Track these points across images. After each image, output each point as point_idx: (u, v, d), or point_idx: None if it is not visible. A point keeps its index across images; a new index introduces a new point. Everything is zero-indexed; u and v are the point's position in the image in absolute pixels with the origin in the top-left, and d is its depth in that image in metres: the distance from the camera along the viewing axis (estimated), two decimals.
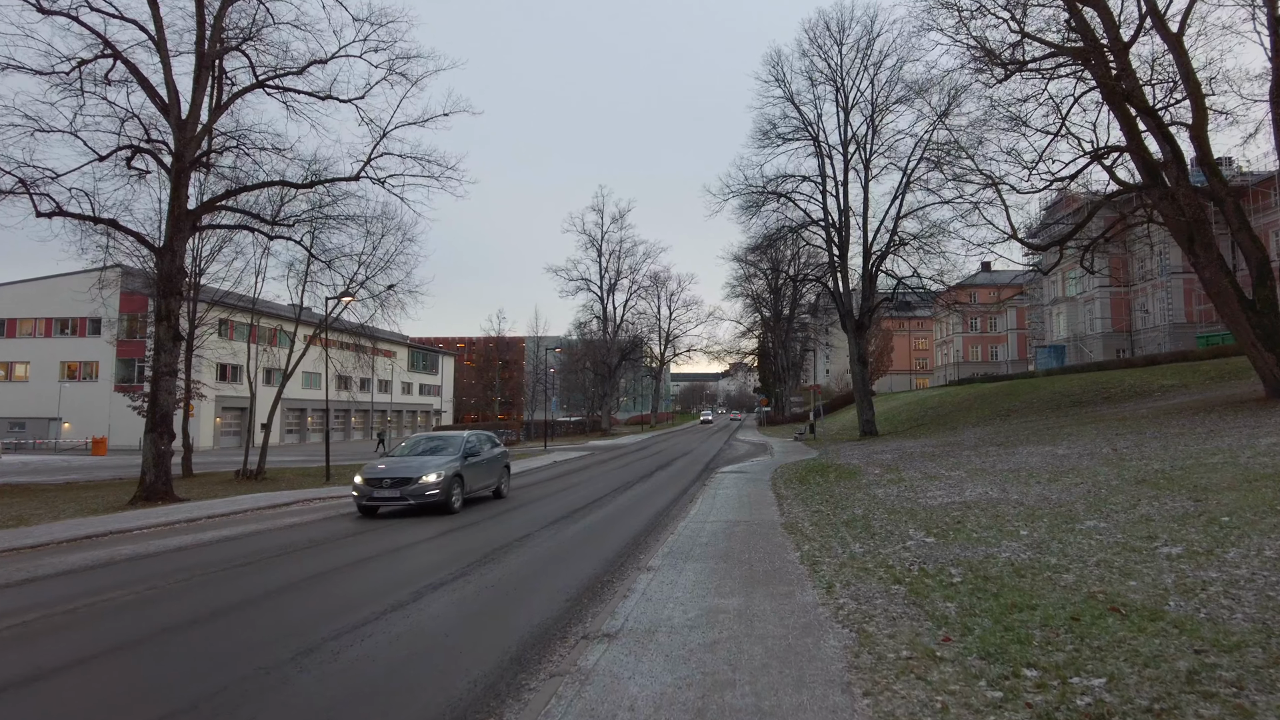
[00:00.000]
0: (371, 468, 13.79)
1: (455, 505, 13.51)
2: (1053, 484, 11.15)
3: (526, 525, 11.85)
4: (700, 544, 8.95)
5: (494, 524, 12.21)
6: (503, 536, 10.71)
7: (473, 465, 14.61)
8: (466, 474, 14.12)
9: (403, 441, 16.19)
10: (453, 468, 13.64)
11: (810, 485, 15.60)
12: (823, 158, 34.07)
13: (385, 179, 24.55)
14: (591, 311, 64.95)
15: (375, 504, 13.16)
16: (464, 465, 14.12)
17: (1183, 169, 19.31)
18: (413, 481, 12.93)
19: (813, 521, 10.36)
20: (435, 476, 13.09)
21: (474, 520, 12.67)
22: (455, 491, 13.54)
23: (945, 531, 8.23)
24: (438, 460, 13.81)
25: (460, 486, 13.76)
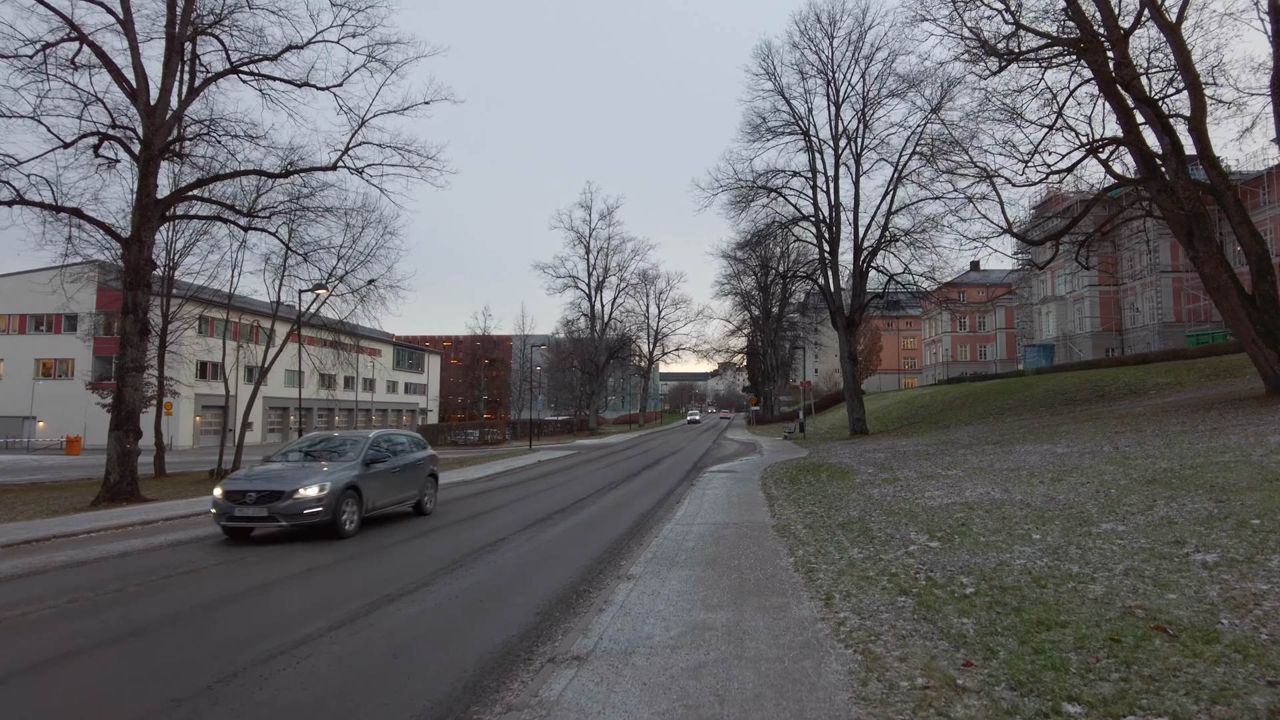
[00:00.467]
0: (237, 477, 10.90)
1: (348, 527, 10.40)
2: (1057, 483, 10.60)
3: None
4: (686, 548, 8.31)
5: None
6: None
7: (378, 475, 11.42)
8: (368, 485, 10.99)
9: (292, 442, 12.44)
10: (344, 477, 10.53)
11: (802, 485, 15.00)
12: (813, 152, 33.56)
13: (363, 169, 23.78)
14: (579, 309, 64.29)
15: (239, 525, 10.19)
16: (364, 474, 10.97)
17: (1182, 161, 18.86)
18: (284, 496, 9.82)
19: (806, 524, 9.75)
20: (317, 489, 10.01)
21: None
22: (349, 509, 10.47)
23: (950, 535, 7.63)
24: (326, 468, 10.78)
25: (357, 502, 10.68)
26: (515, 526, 11.09)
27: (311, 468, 10.81)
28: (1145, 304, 50.40)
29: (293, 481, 10.10)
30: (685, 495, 14.64)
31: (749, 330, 71.71)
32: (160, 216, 21.65)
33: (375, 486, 11.28)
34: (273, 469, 11.00)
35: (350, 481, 10.60)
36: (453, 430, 52.47)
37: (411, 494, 12.69)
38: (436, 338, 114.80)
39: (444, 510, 13.63)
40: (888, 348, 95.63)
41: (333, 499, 10.14)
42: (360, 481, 10.82)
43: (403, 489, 12.35)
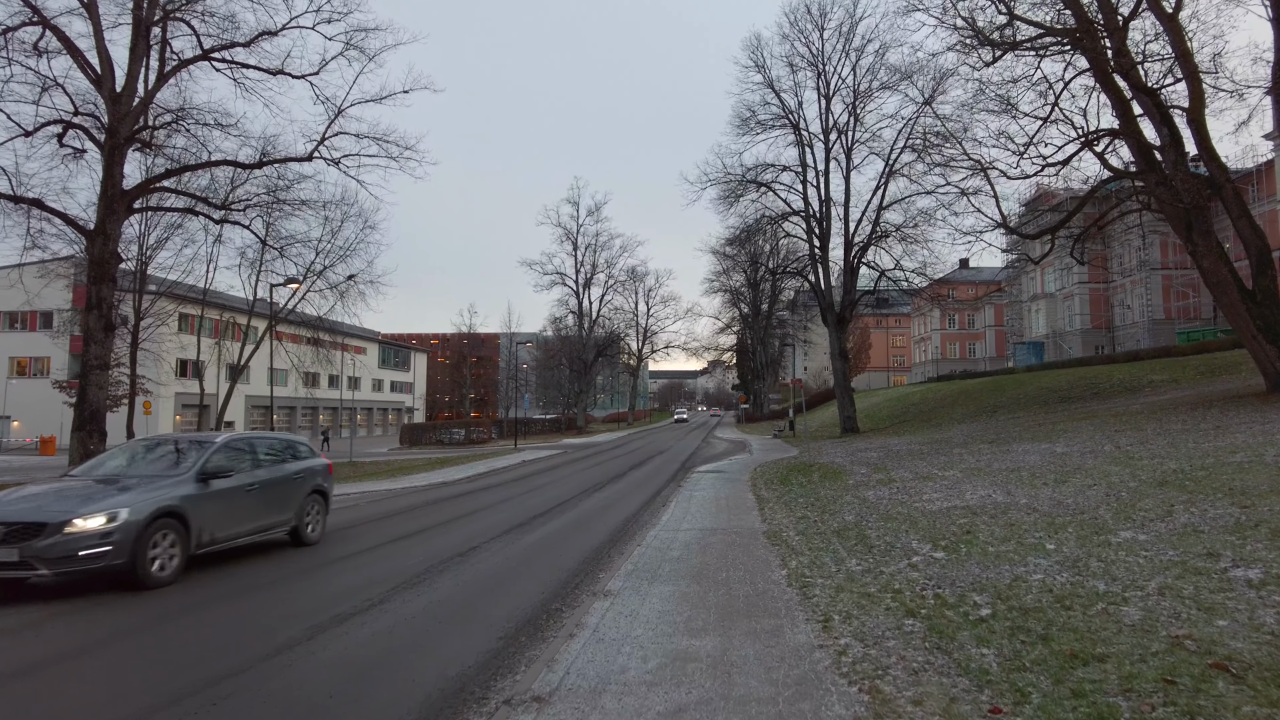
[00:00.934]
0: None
1: (161, 573, 7.24)
2: (1062, 485, 10.06)
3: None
4: (671, 559, 7.68)
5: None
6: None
7: (223, 495, 8.27)
8: (202, 510, 7.87)
9: (119, 447, 9.72)
10: (155, 500, 7.37)
11: (793, 486, 14.42)
12: (803, 147, 32.99)
13: (340, 159, 23.04)
14: (567, 306, 63.51)
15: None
16: (196, 494, 7.86)
17: (1181, 153, 18.42)
18: (46, 531, 6.63)
19: (799, 530, 9.14)
20: (104, 519, 6.85)
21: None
22: (163, 545, 7.30)
23: (955, 544, 7.04)
24: (131, 486, 7.64)
25: (180, 535, 7.52)
26: (488, 534, 10.42)
27: (104, 488, 7.58)
28: (1135, 301, 50.23)
29: (64, 507, 6.94)
30: (672, 498, 14.03)
31: (738, 328, 71.26)
32: (127, 208, 20.81)
33: (216, 511, 8.11)
34: (42, 490, 7.90)
35: (167, 506, 7.41)
36: (438, 429, 51.63)
37: (283, 518, 9.44)
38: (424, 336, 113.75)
39: (416, 514, 12.94)
40: (877, 345, 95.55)
41: (130, 533, 6.93)
42: (188, 505, 7.66)
43: (267, 512, 9.09)
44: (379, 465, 29.34)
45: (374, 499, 16.16)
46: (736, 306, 68.21)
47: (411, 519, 12.40)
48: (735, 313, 69.27)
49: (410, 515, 12.89)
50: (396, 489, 18.25)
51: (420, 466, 27.11)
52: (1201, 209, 18.20)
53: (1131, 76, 18.38)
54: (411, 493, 17.30)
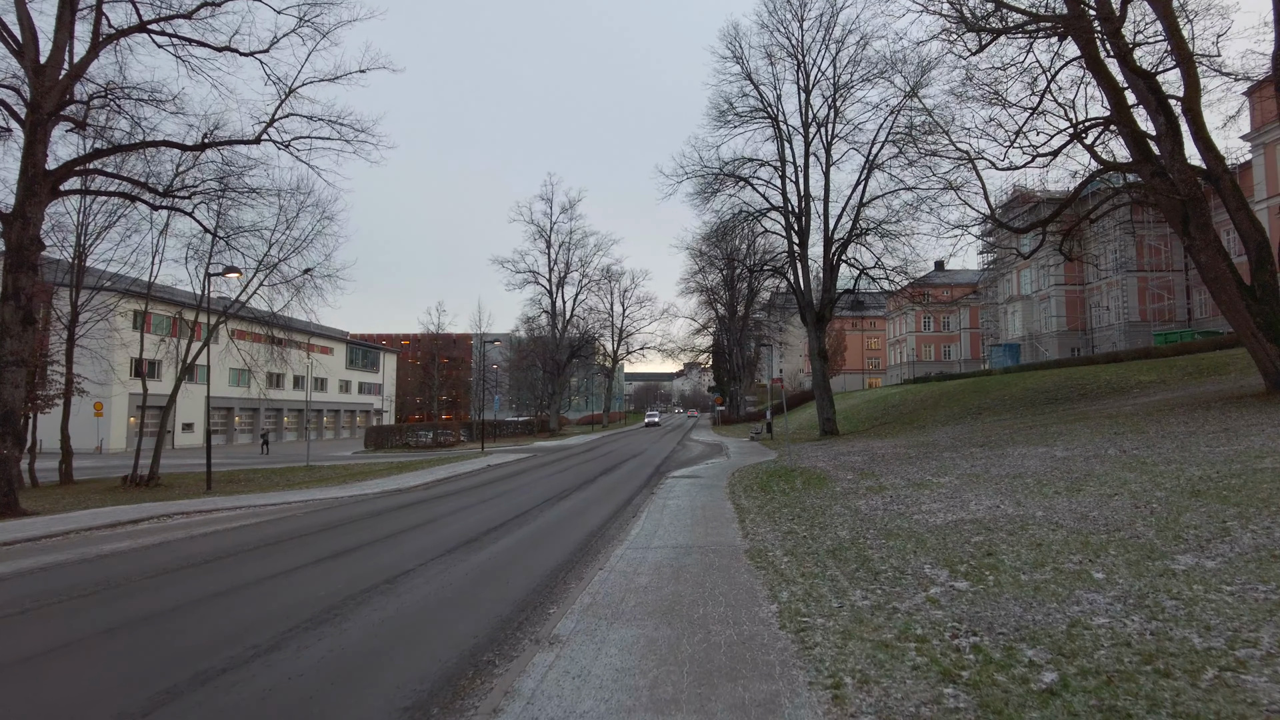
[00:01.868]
0: None
1: None
2: (1077, 494, 8.98)
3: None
4: (637, 587, 6.41)
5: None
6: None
7: None
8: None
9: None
10: None
11: (774, 494, 13.23)
12: (782, 141, 31.97)
13: (290, 142, 21.47)
14: (540, 306, 61.81)
15: None
16: None
17: (1178, 141, 17.60)
18: None
19: (787, 548, 7.92)
20: None
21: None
22: None
23: (978, 570, 5.86)
24: None
25: None
26: (430, 552, 9.04)
27: None
28: (1112, 303, 50.08)
29: None
30: (644, 507, 12.76)
31: (714, 329, 70.22)
32: (52, 191, 19.04)
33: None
34: None
35: None
36: (405, 431, 49.72)
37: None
38: (394, 336, 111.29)
39: (354, 527, 11.50)
40: (852, 347, 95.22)
41: None
42: None
43: None
44: (336, 470, 27.73)
45: (316, 508, 14.67)
46: (713, 307, 67.18)
47: (347, 533, 10.96)
48: (711, 314, 68.25)
49: (348, 529, 11.46)
50: (344, 497, 16.75)
51: (379, 471, 25.57)
52: (1199, 201, 17.40)
53: (1128, 60, 17.52)
54: (358, 501, 15.82)
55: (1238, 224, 17.43)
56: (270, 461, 34.53)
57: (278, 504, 15.42)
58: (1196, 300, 48.51)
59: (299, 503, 15.64)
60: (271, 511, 14.22)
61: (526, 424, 67.17)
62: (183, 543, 10.37)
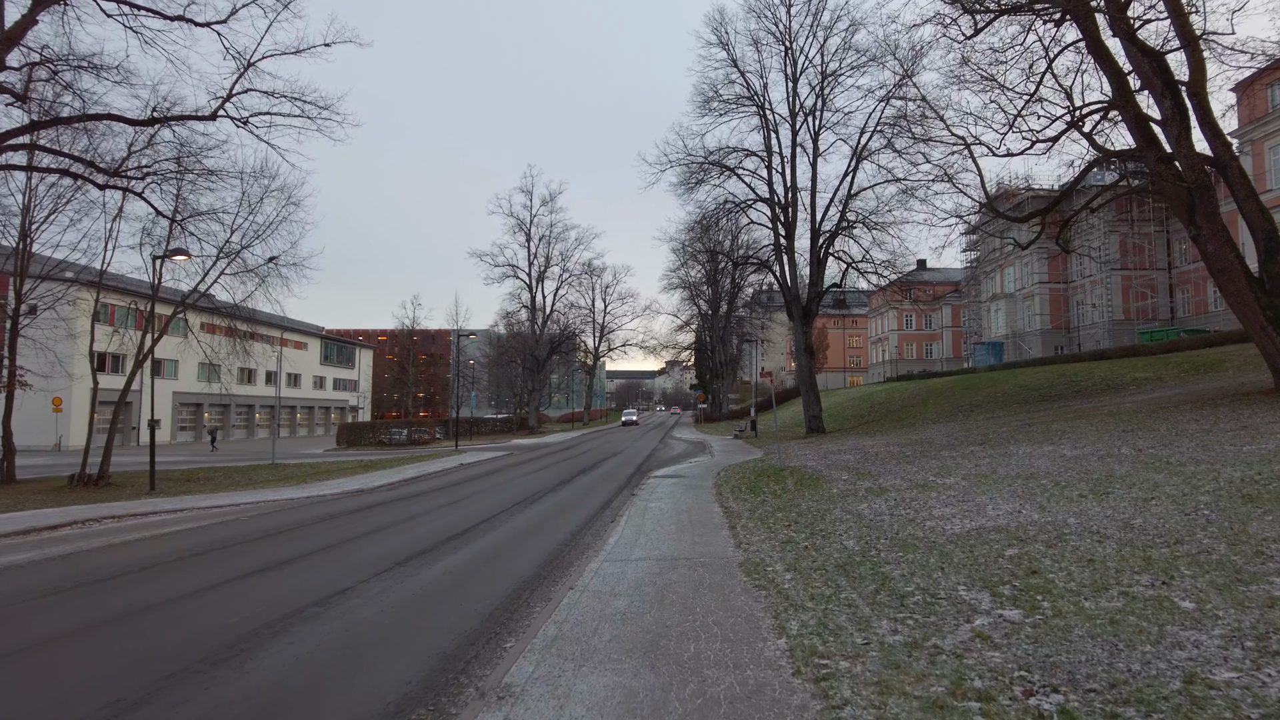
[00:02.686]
0: None
1: None
2: (1105, 499, 8.03)
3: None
4: (613, 614, 5.32)
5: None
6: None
7: None
8: None
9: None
10: None
11: (766, 496, 12.21)
12: (769, 131, 30.97)
13: (249, 118, 20.09)
14: (519, 301, 60.35)
15: None
16: None
17: (1185, 126, 16.79)
18: None
19: (788, 561, 6.86)
20: None
21: None
22: None
23: (1027, 594, 4.83)
24: None
25: None
26: (377, 565, 7.88)
27: None
28: (1097, 301, 49.81)
29: None
30: (624, 510, 11.67)
31: (697, 325, 69.30)
32: None
33: None
34: None
35: None
36: (379, 429, 48.19)
37: None
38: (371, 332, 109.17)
39: (303, 532, 10.28)
40: (834, 345, 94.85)
41: None
42: None
43: None
44: (302, 468, 26.35)
45: (265, 511, 13.40)
46: (695, 303, 66.21)
47: (289, 541, 9.75)
48: (694, 310, 67.28)
49: (292, 535, 10.24)
50: (300, 498, 15.48)
51: (345, 470, 24.27)
52: (1206, 189, 16.62)
53: (1134, 39, 16.69)
54: (314, 503, 14.57)
55: (1246, 213, 16.68)
56: (234, 459, 32.97)
57: (225, 506, 14.14)
58: (1179, 299, 48.36)
59: (248, 505, 14.35)
60: (215, 515, 12.94)
61: (505, 421, 65.76)
62: (94, 554, 9.10)
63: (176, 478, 22.37)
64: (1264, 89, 35.50)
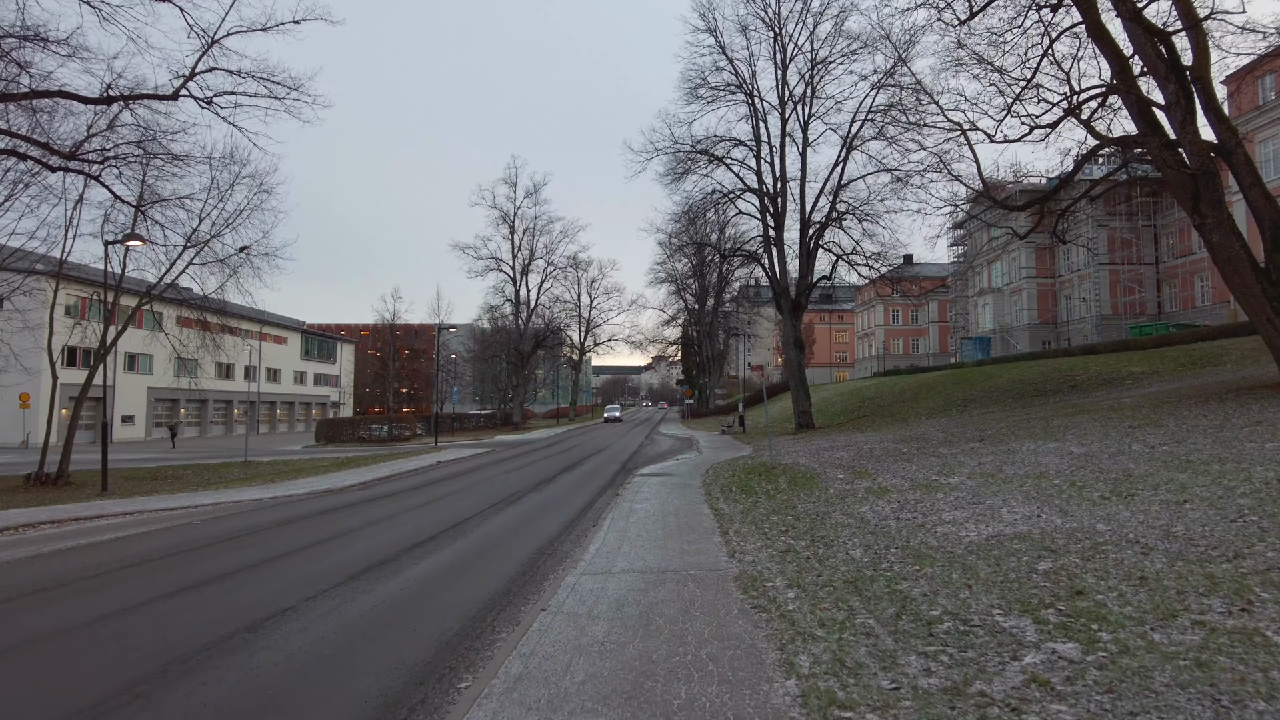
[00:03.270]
0: None
1: None
2: (1130, 501, 7.34)
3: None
4: (590, 645, 4.53)
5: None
6: None
7: None
8: None
9: None
10: None
11: (758, 497, 11.45)
12: (757, 120, 30.21)
13: (213, 98, 19.04)
14: (503, 294, 59.23)
15: None
16: None
17: (1190, 111, 16.18)
18: None
19: (789, 575, 6.10)
20: None
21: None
22: None
23: (1078, 621, 4.09)
24: None
25: None
26: (327, 579, 7.03)
27: None
28: (1086, 295, 49.57)
29: None
30: (607, 512, 10.88)
31: (683, 320, 68.52)
32: None
33: None
34: None
35: None
36: (359, 425, 47.02)
37: None
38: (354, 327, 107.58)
39: (254, 539, 9.38)
40: (821, 340, 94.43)
41: None
42: None
43: None
44: (275, 466, 25.34)
45: (222, 514, 12.48)
46: (682, 297, 65.43)
47: (242, 548, 8.87)
48: (681, 304, 66.51)
49: (241, 543, 9.35)
50: (264, 499, 14.55)
51: (319, 468, 23.31)
52: (1212, 175, 16.03)
53: (1139, 18, 16.05)
54: (277, 505, 13.65)
55: (1251, 201, 16.10)
56: (207, 456, 31.81)
57: (181, 508, 13.19)
58: (1167, 294, 48.20)
59: (206, 506, 13.41)
60: (166, 518, 12.00)
61: (489, 417, 64.74)
62: (11, 568, 8.17)
63: (143, 476, 21.34)
64: (1254, 81, 35.19)
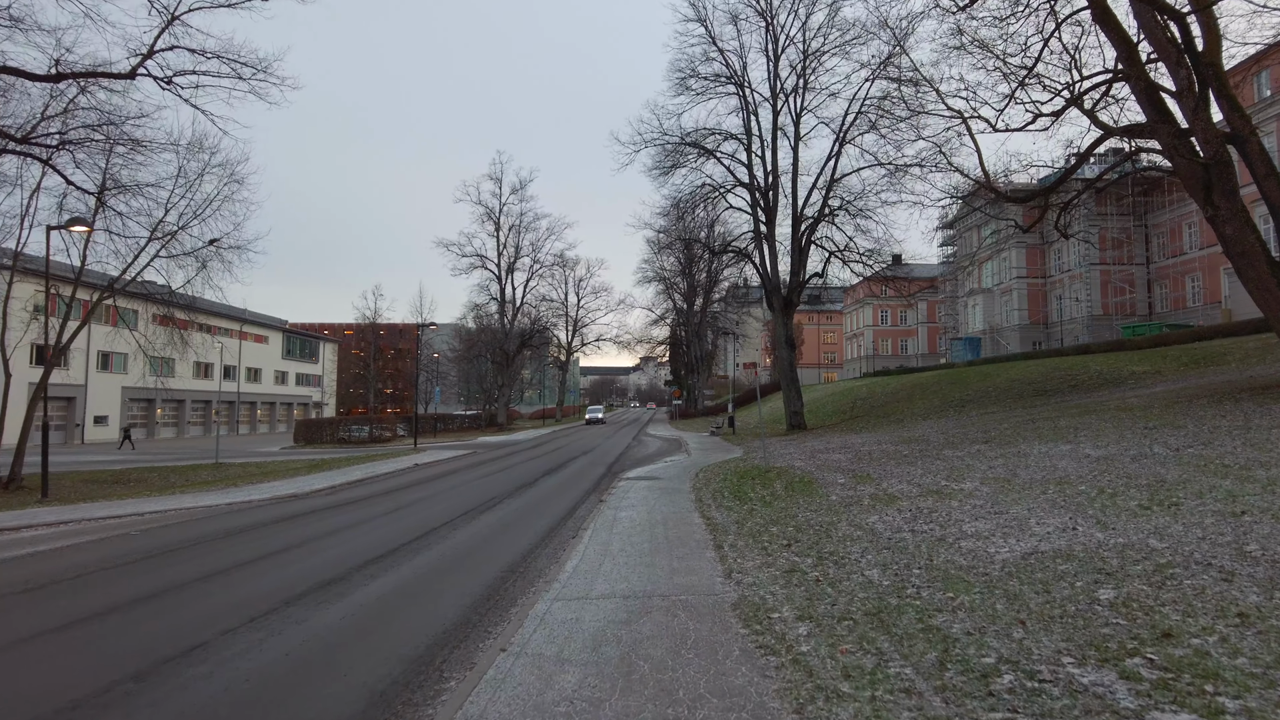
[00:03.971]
0: None
1: None
2: (1177, 512, 6.50)
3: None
4: (557, 704, 3.59)
5: None
6: None
7: None
8: None
9: None
10: None
11: (753, 503, 10.55)
12: (748, 113, 29.36)
13: (173, 77, 17.96)
14: (488, 293, 58.01)
15: None
16: None
17: (1203, 97, 15.48)
18: None
19: (798, 604, 5.18)
20: None
21: None
22: None
23: (1183, 678, 3.21)
24: None
25: None
26: (267, 600, 6.04)
27: None
28: (1080, 295, 49.14)
29: None
30: (589, 520, 9.95)
31: (672, 319, 67.66)
32: None
33: None
34: None
35: None
36: (338, 426, 45.75)
37: None
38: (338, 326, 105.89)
39: (194, 552, 8.35)
40: (809, 341, 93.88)
41: None
42: None
43: None
44: (247, 469, 24.19)
45: (172, 521, 11.43)
46: (670, 296, 64.59)
47: (175, 564, 7.85)
48: (669, 304, 65.67)
49: (182, 556, 8.32)
50: (220, 505, 13.50)
51: (292, 470, 22.23)
52: (1225, 165, 15.32)
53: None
54: (232, 512, 12.59)
55: (1266, 192, 15.38)
56: (178, 458, 30.52)
57: (125, 516, 12.13)
58: (1158, 294, 47.88)
59: (154, 514, 12.34)
60: (104, 529, 10.93)
61: (474, 418, 63.55)
62: None
63: (104, 479, 20.19)
64: (1251, 78, 34.78)
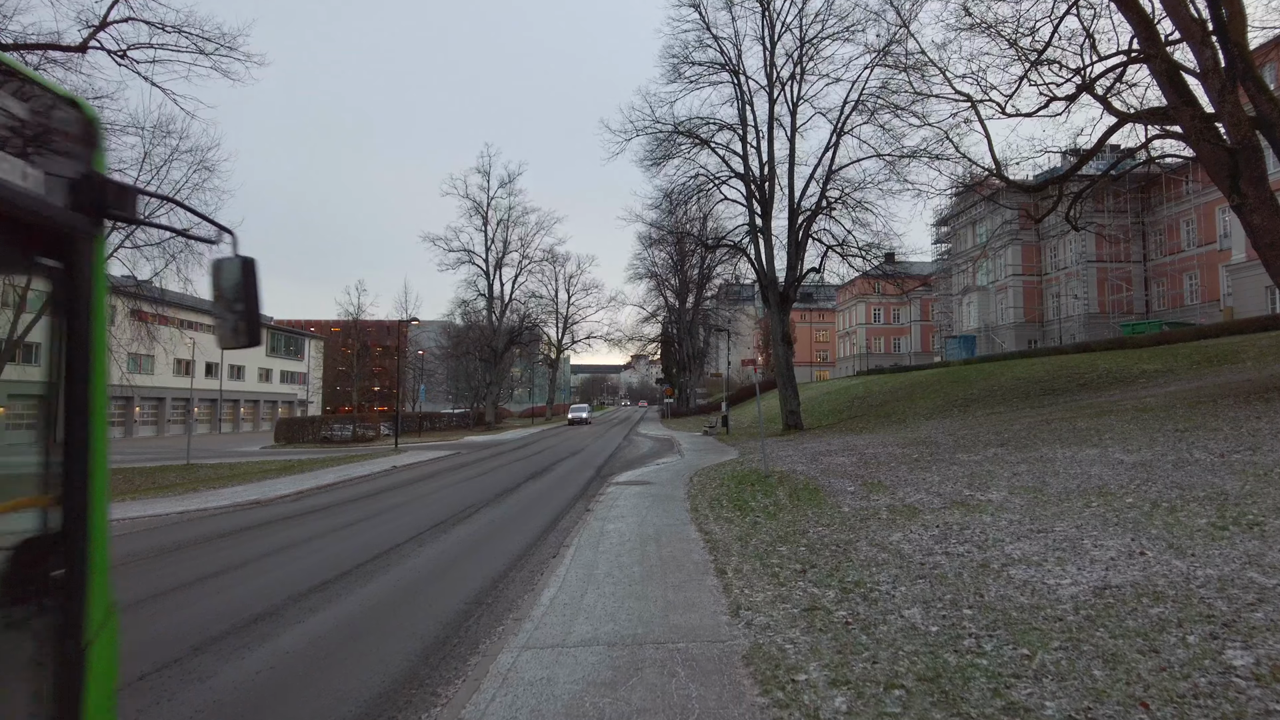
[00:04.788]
0: None
1: None
2: (1262, 534, 5.51)
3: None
4: None
5: None
6: None
7: None
8: None
9: None
10: None
11: (756, 515, 9.51)
12: (743, 102, 28.30)
13: (128, 50, 16.78)
14: (476, 289, 56.79)
15: None
16: None
17: (1230, 79, 14.56)
18: None
19: (828, 661, 4.14)
20: None
21: None
22: None
23: None
24: None
25: None
26: (157, 656, 4.93)
27: None
28: (1079, 292, 48.43)
29: None
30: (573, 534, 8.88)
31: (663, 316, 66.59)
32: None
33: None
34: None
35: None
36: (321, 425, 44.51)
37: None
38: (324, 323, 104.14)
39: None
40: (801, 339, 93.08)
41: None
42: None
43: None
44: (218, 470, 22.99)
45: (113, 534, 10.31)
46: (662, 293, 63.51)
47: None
48: (661, 301, 64.57)
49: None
50: (173, 513, 12.37)
51: (263, 472, 21.07)
52: (1254, 151, 14.41)
53: None
54: (187, 521, 11.46)
55: None
56: (151, 458, 29.20)
57: None
58: (1155, 292, 47.24)
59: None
60: None
61: (462, 417, 62.33)
62: None
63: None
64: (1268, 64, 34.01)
